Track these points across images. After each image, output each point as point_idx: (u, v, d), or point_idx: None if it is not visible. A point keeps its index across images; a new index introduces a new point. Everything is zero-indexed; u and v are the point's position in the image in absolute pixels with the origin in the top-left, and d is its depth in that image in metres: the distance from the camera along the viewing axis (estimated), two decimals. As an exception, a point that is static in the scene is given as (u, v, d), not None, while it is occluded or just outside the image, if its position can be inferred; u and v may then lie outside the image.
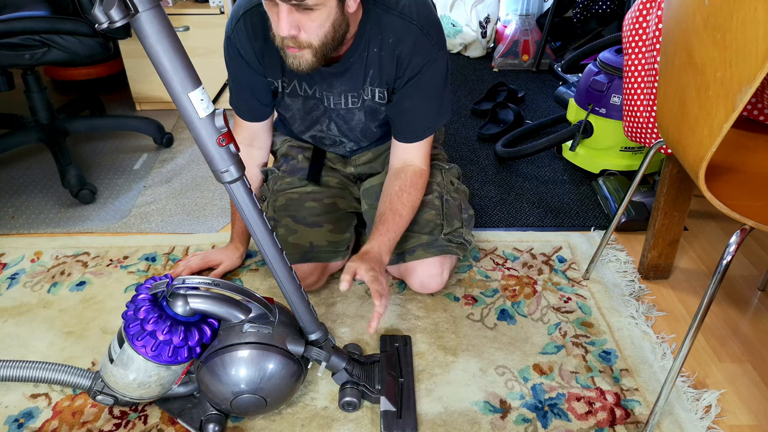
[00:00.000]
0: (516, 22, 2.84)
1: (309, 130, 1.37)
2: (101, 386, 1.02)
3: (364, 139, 1.37)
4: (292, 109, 1.33)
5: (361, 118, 1.30)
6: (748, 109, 1.20)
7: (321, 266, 1.32)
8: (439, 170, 1.41)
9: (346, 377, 1.07)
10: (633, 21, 1.36)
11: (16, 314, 1.32)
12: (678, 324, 1.31)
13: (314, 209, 1.34)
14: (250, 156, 1.38)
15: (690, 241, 1.58)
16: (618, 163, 1.82)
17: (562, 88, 2.16)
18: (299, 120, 1.35)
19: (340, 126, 1.33)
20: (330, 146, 1.42)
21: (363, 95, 1.25)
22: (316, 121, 1.34)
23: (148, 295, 0.97)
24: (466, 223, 1.36)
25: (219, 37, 1.27)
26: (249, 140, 1.37)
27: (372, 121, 1.31)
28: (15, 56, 1.61)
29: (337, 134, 1.35)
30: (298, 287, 0.98)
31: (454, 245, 1.32)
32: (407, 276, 1.33)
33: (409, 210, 1.25)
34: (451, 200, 1.36)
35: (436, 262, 1.29)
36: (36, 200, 1.75)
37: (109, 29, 0.69)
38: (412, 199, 1.25)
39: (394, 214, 1.22)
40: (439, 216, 1.32)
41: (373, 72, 1.21)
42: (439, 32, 1.19)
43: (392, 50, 1.17)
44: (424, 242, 1.29)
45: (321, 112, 1.31)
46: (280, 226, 1.33)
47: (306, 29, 1.02)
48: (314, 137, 1.40)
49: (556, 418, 1.09)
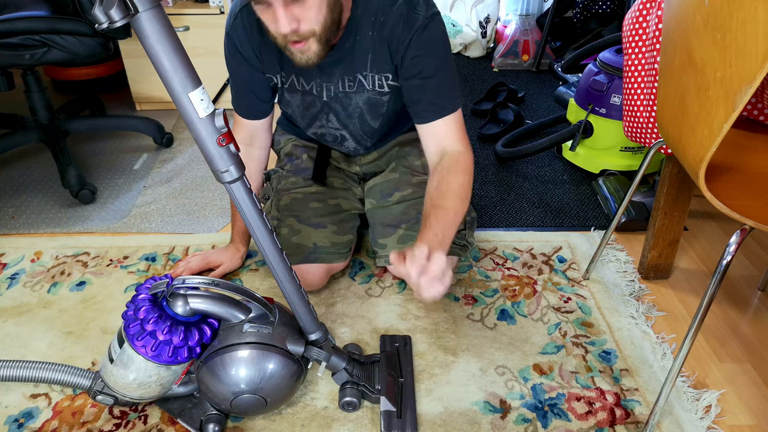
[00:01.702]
0: (516, 22, 2.84)
1: (311, 126, 1.37)
2: (101, 386, 1.02)
3: (364, 135, 1.35)
4: (292, 105, 1.33)
5: (359, 103, 1.28)
6: (748, 109, 1.20)
7: (324, 267, 1.32)
8: None
9: (346, 377, 1.07)
10: (633, 21, 1.36)
11: (16, 314, 1.32)
12: (678, 324, 1.31)
13: (318, 210, 1.34)
14: (250, 156, 1.37)
15: (690, 241, 1.58)
16: (618, 163, 1.82)
17: (562, 88, 2.16)
18: (300, 116, 1.35)
19: (339, 114, 1.30)
20: (333, 143, 1.41)
21: (363, 82, 1.24)
22: (315, 117, 1.33)
23: (148, 295, 0.97)
24: (468, 225, 1.36)
25: (219, 37, 1.27)
26: (248, 139, 1.36)
27: (370, 113, 1.29)
28: (15, 56, 1.61)
29: (338, 126, 1.34)
30: (298, 287, 0.98)
31: (458, 247, 1.32)
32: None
33: (454, 198, 1.14)
34: None
35: None
36: (36, 200, 1.75)
37: (109, 29, 0.69)
38: (453, 187, 1.15)
39: (437, 209, 1.12)
40: None
41: (372, 57, 1.19)
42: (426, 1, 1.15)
43: (384, 31, 1.16)
44: None
45: (319, 109, 1.31)
46: (284, 226, 1.33)
47: (305, 19, 1.02)
48: (317, 134, 1.39)
49: (556, 418, 1.09)
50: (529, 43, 2.79)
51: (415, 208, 1.32)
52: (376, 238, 1.35)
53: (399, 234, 1.31)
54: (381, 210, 1.36)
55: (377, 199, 1.37)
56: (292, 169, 1.41)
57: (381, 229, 1.34)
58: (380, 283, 1.41)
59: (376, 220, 1.36)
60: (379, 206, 1.37)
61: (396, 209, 1.34)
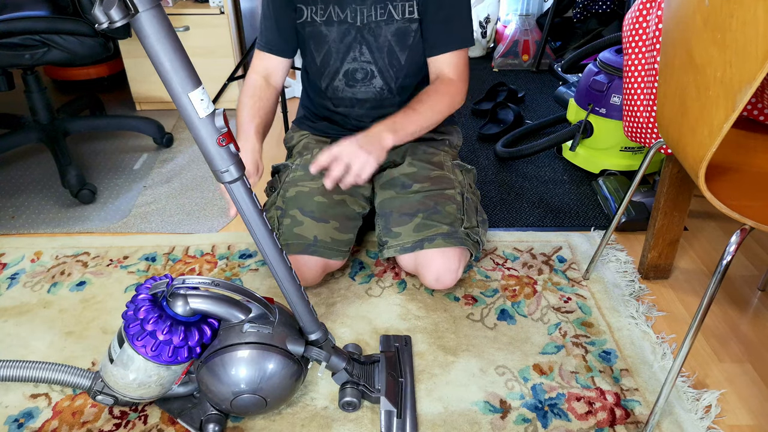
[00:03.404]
0: (516, 22, 2.84)
1: (343, 62, 1.38)
2: (101, 386, 1.02)
3: (390, 71, 1.38)
4: (328, 41, 1.36)
5: (387, 36, 1.33)
6: (748, 109, 1.20)
7: (321, 262, 1.32)
8: (461, 170, 1.44)
9: (346, 377, 1.07)
10: (633, 21, 1.36)
11: (16, 314, 1.32)
12: (678, 324, 1.32)
13: (323, 204, 1.34)
14: (266, 84, 1.38)
15: (690, 241, 1.58)
16: (618, 163, 1.82)
17: (562, 88, 2.16)
18: (334, 53, 1.37)
19: (371, 44, 1.35)
20: (362, 81, 1.41)
21: (392, 12, 1.31)
22: (349, 48, 1.36)
23: (148, 295, 0.97)
24: (481, 224, 1.37)
25: (219, 37, 1.27)
26: (264, 71, 1.40)
27: (399, 44, 1.35)
28: (15, 56, 1.62)
29: (369, 59, 1.37)
30: (298, 287, 0.98)
31: (471, 241, 1.32)
32: (422, 267, 1.31)
33: (426, 108, 1.29)
34: (470, 199, 1.38)
35: (455, 254, 1.29)
36: (36, 200, 1.75)
37: (109, 29, 0.69)
38: (433, 101, 1.30)
39: (407, 109, 1.28)
40: (460, 210, 1.33)
41: None
42: None
43: None
44: (444, 232, 1.29)
45: (353, 37, 1.34)
46: (287, 217, 1.32)
47: None
48: (347, 74, 1.40)
49: (556, 418, 1.09)
50: (529, 43, 2.79)
51: (432, 199, 1.33)
52: (389, 227, 1.34)
53: (416, 222, 1.31)
54: (399, 199, 1.36)
55: (397, 189, 1.38)
56: (301, 163, 1.42)
57: (397, 217, 1.33)
58: (380, 283, 1.41)
59: (392, 209, 1.35)
60: (398, 196, 1.36)
61: (413, 198, 1.34)
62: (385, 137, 1.20)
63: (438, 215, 1.30)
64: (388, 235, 1.34)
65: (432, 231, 1.29)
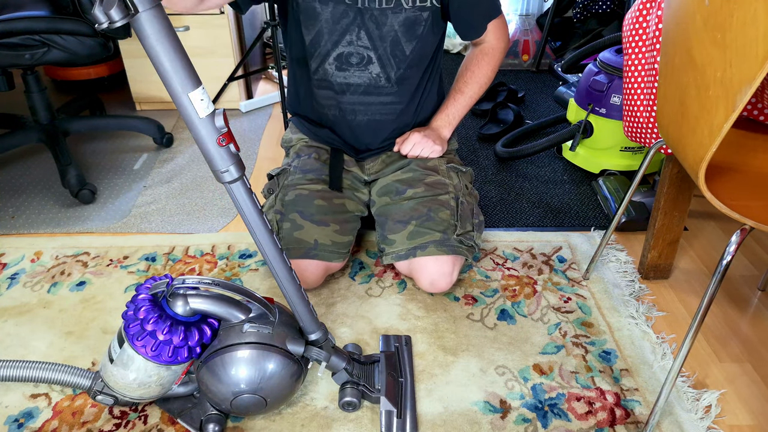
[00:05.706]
0: (516, 22, 2.84)
1: (338, 44, 1.32)
2: (101, 386, 1.02)
3: (392, 60, 1.34)
4: (320, 20, 1.29)
5: (394, 26, 1.30)
6: (748, 109, 1.20)
7: (323, 265, 1.32)
8: (456, 173, 1.43)
9: (346, 377, 1.07)
10: (633, 21, 1.36)
11: (16, 314, 1.32)
12: (678, 324, 1.32)
13: (322, 208, 1.34)
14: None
15: (690, 241, 1.58)
16: (618, 163, 1.82)
17: (562, 88, 2.16)
18: (326, 34, 1.31)
19: (371, 32, 1.30)
20: (357, 66, 1.35)
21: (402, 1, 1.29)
22: (345, 31, 1.30)
23: (148, 295, 0.97)
24: (476, 228, 1.36)
25: (219, 37, 1.27)
26: None
27: (406, 34, 1.32)
28: (15, 56, 1.61)
29: (367, 45, 1.32)
30: (298, 287, 0.98)
31: (465, 247, 1.32)
32: (417, 273, 1.31)
33: (474, 85, 1.43)
34: (465, 203, 1.37)
35: (448, 260, 1.29)
36: (36, 200, 1.75)
37: (109, 29, 0.69)
38: (476, 76, 1.43)
39: (456, 93, 1.44)
40: (454, 216, 1.33)
41: None
42: None
43: None
44: (437, 239, 1.29)
45: (351, 20, 1.29)
46: (287, 221, 1.32)
47: None
48: (340, 57, 1.34)
49: (556, 418, 1.09)
50: (529, 43, 2.79)
51: (425, 206, 1.33)
52: (385, 235, 1.34)
53: (409, 230, 1.31)
54: (393, 206, 1.36)
55: (391, 196, 1.37)
56: (299, 165, 1.42)
57: (392, 224, 1.33)
58: (380, 283, 1.41)
59: (387, 216, 1.36)
60: (392, 203, 1.36)
61: (406, 205, 1.34)
62: (443, 131, 1.45)
63: (431, 222, 1.30)
64: (384, 242, 1.35)
65: (425, 239, 1.29)
